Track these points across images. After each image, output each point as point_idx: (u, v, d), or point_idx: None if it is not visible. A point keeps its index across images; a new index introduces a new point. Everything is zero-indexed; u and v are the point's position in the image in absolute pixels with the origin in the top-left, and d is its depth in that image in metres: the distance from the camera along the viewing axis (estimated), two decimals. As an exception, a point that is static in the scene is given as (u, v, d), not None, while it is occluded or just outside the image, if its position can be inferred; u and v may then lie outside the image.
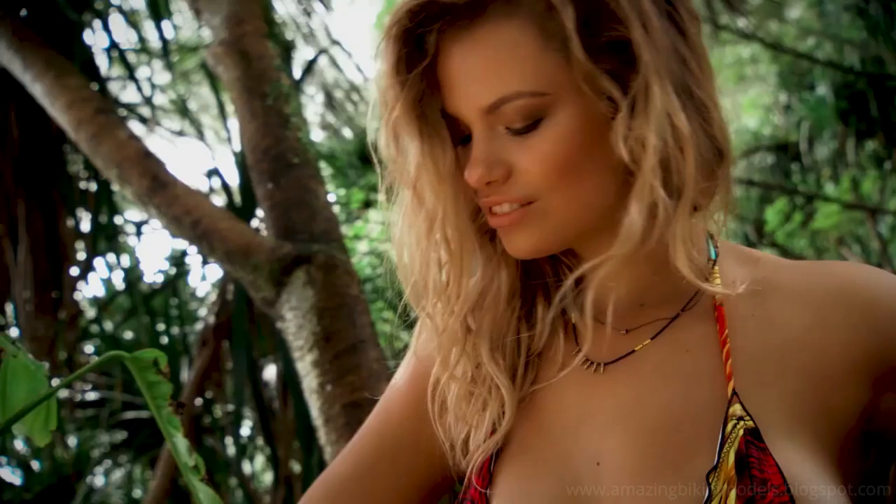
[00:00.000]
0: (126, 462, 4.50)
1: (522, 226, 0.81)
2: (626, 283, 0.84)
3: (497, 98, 0.77)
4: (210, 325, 3.72)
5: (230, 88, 2.41)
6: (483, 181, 0.80)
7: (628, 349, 0.84)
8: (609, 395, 0.83)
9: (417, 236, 0.85)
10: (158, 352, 0.96)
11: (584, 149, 0.78)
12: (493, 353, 0.88)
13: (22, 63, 2.49)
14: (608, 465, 0.79)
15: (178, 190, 2.33)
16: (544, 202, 0.80)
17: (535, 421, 0.85)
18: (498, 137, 0.79)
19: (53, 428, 1.01)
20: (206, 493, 0.92)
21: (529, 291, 0.90)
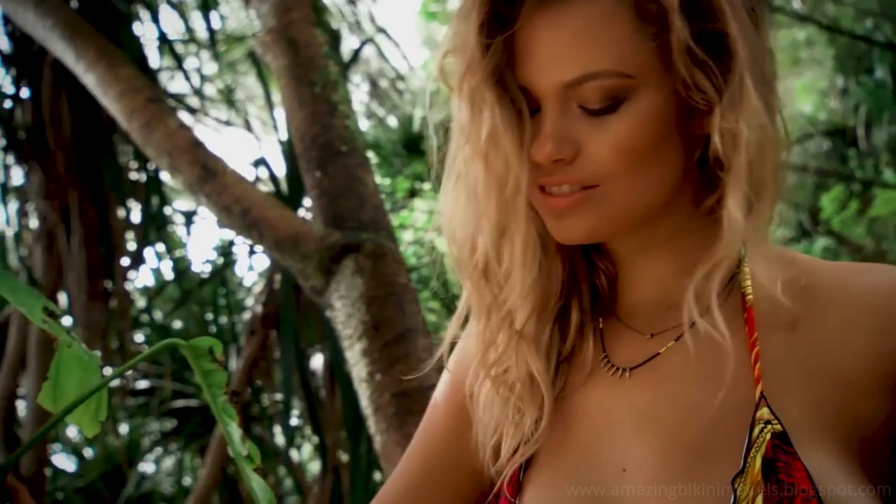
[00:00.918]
0: (176, 450, 4.56)
1: (579, 210, 0.79)
2: (658, 284, 0.83)
3: (582, 74, 0.76)
4: (258, 314, 3.74)
5: (278, 76, 2.40)
6: (551, 158, 0.77)
7: (653, 352, 0.83)
8: (635, 401, 0.82)
9: (477, 211, 0.82)
10: (214, 340, 0.94)
11: (656, 138, 0.77)
12: (539, 353, 0.86)
13: (74, 53, 2.50)
14: (634, 472, 0.78)
15: (227, 179, 2.33)
16: (607, 188, 0.78)
17: (563, 428, 0.84)
18: (570, 115, 0.78)
19: (103, 418, 1.00)
20: (259, 483, 0.91)
21: (564, 292, 0.88)
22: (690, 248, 0.82)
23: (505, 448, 0.86)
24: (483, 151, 0.78)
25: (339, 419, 3.59)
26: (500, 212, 0.80)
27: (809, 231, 6.62)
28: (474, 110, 0.78)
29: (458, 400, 0.91)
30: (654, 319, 0.84)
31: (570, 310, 0.88)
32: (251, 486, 0.89)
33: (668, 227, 0.83)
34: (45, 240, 3.55)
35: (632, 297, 0.85)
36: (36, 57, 3.41)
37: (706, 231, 0.81)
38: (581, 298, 0.88)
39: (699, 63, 0.76)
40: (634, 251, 0.85)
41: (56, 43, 2.57)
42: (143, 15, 3.50)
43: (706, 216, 0.82)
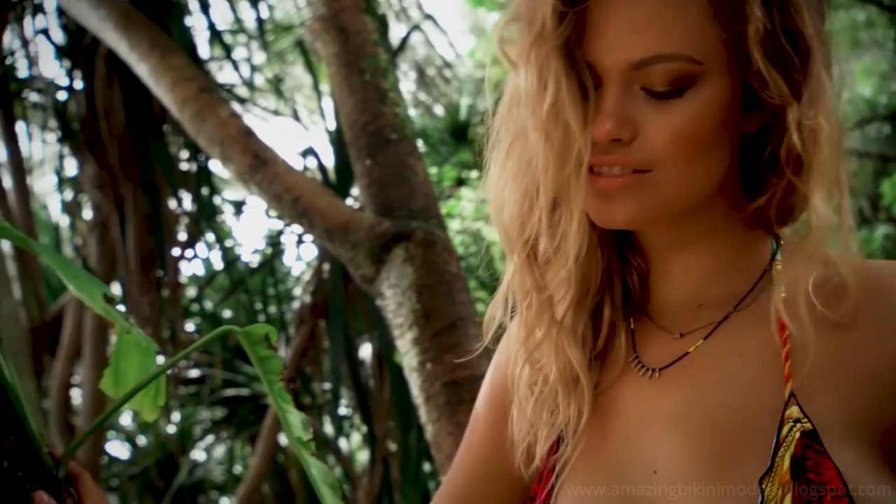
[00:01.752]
0: (226, 438, 4.61)
1: (627, 193, 0.78)
2: (690, 282, 0.83)
3: (653, 54, 0.75)
4: (306, 304, 3.75)
5: (328, 64, 2.39)
6: (610, 136, 0.76)
7: (682, 352, 0.82)
8: (664, 401, 0.81)
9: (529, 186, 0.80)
10: (269, 326, 0.94)
11: (714, 130, 0.77)
12: (577, 345, 0.84)
13: (128, 43, 2.53)
14: (664, 472, 0.78)
15: (278, 167, 2.34)
16: (660, 174, 0.77)
17: (595, 428, 0.84)
18: (632, 96, 0.77)
19: (162, 404, 1.00)
20: (319, 468, 0.90)
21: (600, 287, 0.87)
22: (724, 248, 0.82)
23: (539, 449, 0.86)
24: (544, 123, 0.76)
25: (388, 409, 3.59)
26: (557, 187, 0.78)
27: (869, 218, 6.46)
28: (539, 81, 0.76)
29: (498, 408, 0.91)
30: (683, 319, 0.83)
31: (603, 306, 0.87)
32: (310, 471, 0.88)
33: (705, 224, 0.82)
34: (98, 229, 3.60)
35: (662, 295, 0.85)
36: (89, 49, 3.45)
37: (741, 232, 0.82)
38: (613, 295, 0.87)
39: (774, 57, 0.75)
40: (668, 247, 0.84)
41: (109, 33, 2.59)
42: (192, 5, 3.52)
43: (744, 217, 0.82)
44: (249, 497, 3.76)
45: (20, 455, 0.82)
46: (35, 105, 4.17)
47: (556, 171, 0.76)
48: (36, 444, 0.84)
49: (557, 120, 0.76)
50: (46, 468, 0.84)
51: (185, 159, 3.80)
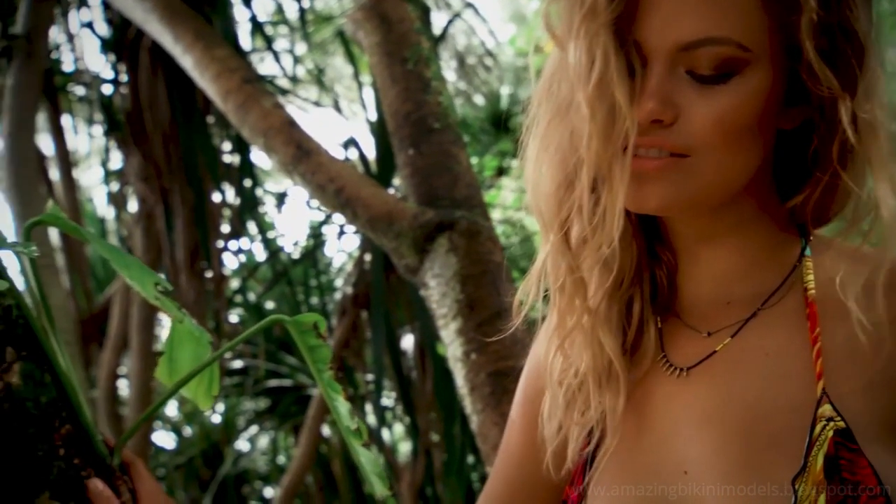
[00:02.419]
0: (270, 429, 4.64)
1: (662, 176, 0.77)
2: (718, 278, 0.82)
3: (703, 37, 0.74)
4: (348, 295, 3.76)
5: (370, 54, 2.38)
6: (652, 116, 0.75)
7: (710, 350, 0.81)
8: (693, 401, 0.80)
9: (569, 162, 0.79)
10: (318, 316, 0.93)
11: (756, 120, 0.76)
12: (612, 333, 0.83)
13: (172, 35, 2.54)
14: (695, 473, 0.77)
15: (321, 158, 2.33)
16: (698, 160, 0.76)
17: (625, 428, 0.83)
18: (677, 78, 0.76)
19: (216, 393, 1.00)
20: (368, 457, 0.89)
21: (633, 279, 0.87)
22: (753, 243, 0.82)
23: (570, 451, 0.85)
24: (590, 99, 0.75)
25: (430, 400, 3.59)
26: (600, 164, 0.76)
27: None
28: (587, 56, 0.76)
29: (532, 414, 0.90)
30: (711, 317, 0.83)
31: (633, 300, 0.86)
32: (360, 459, 0.88)
33: (735, 218, 0.82)
34: (144, 221, 3.64)
35: (690, 292, 0.84)
36: (134, 42, 3.48)
37: (770, 228, 0.82)
38: (643, 290, 0.86)
39: (825, 49, 0.75)
40: (697, 240, 0.83)
41: (154, 25, 2.61)
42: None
43: (776, 215, 0.82)
44: (293, 487, 3.78)
45: (76, 443, 0.82)
46: (81, 99, 4.22)
47: (599, 148, 0.75)
48: (90, 432, 0.84)
49: (604, 96, 0.75)
50: (101, 456, 0.84)
51: (227, 151, 3.82)
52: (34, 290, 0.85)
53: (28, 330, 0.83)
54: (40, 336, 0.83)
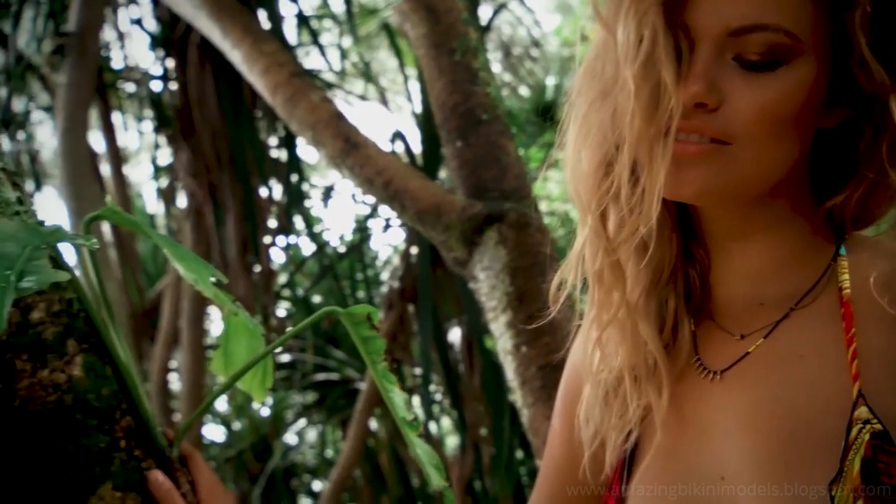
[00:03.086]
0: (318, 422, 4.66)
1: (702, 162, 0.75)
2: (751, 278, 0.81)
3: (753, 23, 0.73)
4: (395, 288, 3.76)
5: (417, 46, 2.37)
6: (697, 99, 0.74)
7: (743, 352, 0.80)
8: (727, 405, 0.79)
9: (608, 141, 0.78)
10: (371, 307, 0.93)
11: (800, 112, 0.75)
12: (651, 326, 0.82)
13: (221, 30, 2.56)
14: (731, 479, 0.76)
15: (369, 150, 2.33)
16: (739, 148, 0.75)
17: (657, 440, 0.81)
18: (723, 64, 0.75)
19: (270, 386, 1.00)
20: (424, 449, 0.88)
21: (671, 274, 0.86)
22: (786, 242, 0.81)
23: (609, 456, 0.84)
24: (636, 78, 0.74)
25: (478, 393, 3.57)
26: (641, 144, 0.75)
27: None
28: (636, 35, 0.75)
29: (571, 422, 0.89)
30: (744, 319, 0.82)
31: (668, 301, 0.85)
32: (416, 451, 0.87)
33: (769, 215, 0.81)
34: (193, 217, 3.67)
35: (724, 292, 0.83)
36: (182, 38, 3.51)
37: (804, 227, 0.80)
38: (677, 290, 0.85)
39: (877, 44, 0.74)
40: (731, 237, 0.82)
41: (203, 21, 2.63)
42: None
43: (812, 215, 0.81)
44: (342, 481, 3.80)
45: (136, 435, 0.83)
46: (130, 95, 4.28)
47: (642, 127, 0.74)
48: (150, 424, 0.85)
49: (650, 75, 0.74)
50: (160, 448, 0.85)
51: (274, 146, 3.84)
52: (93, 283, 0.85)
53: (89, 323, 0.83)
54: (101, 329, 0.84)
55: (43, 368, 0.77)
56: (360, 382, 4.14)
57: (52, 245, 0.73)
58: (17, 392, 0.76)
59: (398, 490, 4.28)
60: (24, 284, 0.65)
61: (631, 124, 0.74)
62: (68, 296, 0.82)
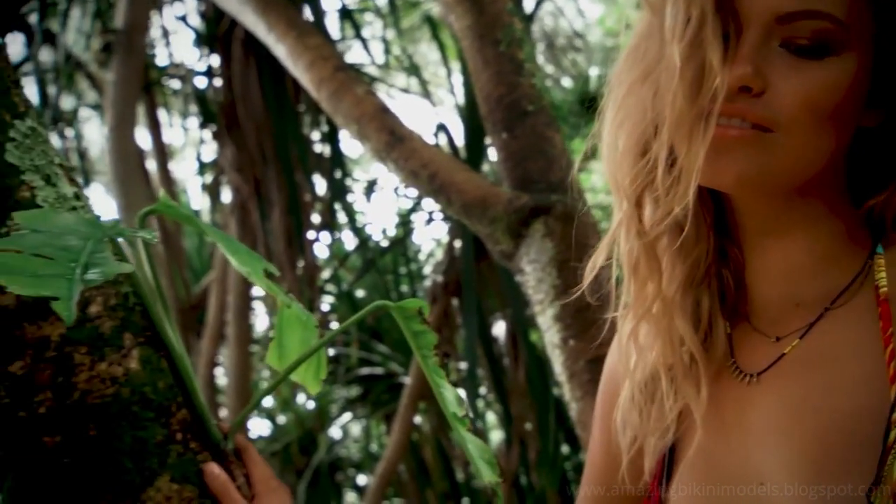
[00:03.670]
0: (362, 417, 4.68)
1: (743, 148, 0.74)
2: (786, 276, 0.80)
3: (803, 9, 0.73)
4: (439, 282, 3.75)
5: (462, 37, 2.35)
6: (743, 81, 0.73)
7: (778, 353, 0.79)
8: (764, 407, 0.78)
9: (647, 119, 0.77)
10: (422, 301, 0.92)
11: (844, 105, 0.75)
12: (688, 321, 0.81)
13: (266, 25, 2.57)
14: (770, 483, 0.76)
15: (415, 144, 2.32)
16: (780, 136, 0.74)
17: (692, 443, 0.81)
18: (770, 51, 0.74)
19: (324, 377, 1.00)
20: (476, 444, 0.87)
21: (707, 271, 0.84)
22: (822, 240, 0.80)
23: (647, 461, 0.84)
24: (682, 56, 0.73)
25: (523, 387, 3.56)
26: (682, 122, 0.74)
27: None
28: (683, 15, 0.74)
29: (609, 427, 0.89)
30: (780, 320, 0.81)
31: (702, 300, 0.84)
32: (467, 446, 0.86)
33: (805, 212, 0.80)
34: (238, 212, 3.70)
35: (759, 292, 0.82)
36: (226, 34, 3.53)
37: (840, 225, 0.79)
38: (711, 288, 0.84)
39: None
40: (766, 233, 0.81)
41: (248, 16, 2.64)
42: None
43: (846, 213, 0.80)
44: (387, 475, 3.81)
45: (192, 428, 0.83)
46: (175, 92, 4.32)
47: (684, 106, 0.73)
48: (205, 417, 0.85)
49: (696, 55, 0.73)
50: (215, 441, 0.85)
51: (317, 141, 3.85)
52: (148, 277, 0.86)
53: (145, 316, 0.84)
54: (157, 322, 0.84)
55: (101, 362, 0.78)
56: (404, 377, 4.14)
57: (112, 238, 0.74)
58: (76, 385, 0.76)
59: (443, 485, 4.28)
60: (89, 276, 0.66)
61: (672, 104, 0.74)
62: (124, 290, 0.83)
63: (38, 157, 0.80)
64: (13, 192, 0.77)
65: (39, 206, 0.78)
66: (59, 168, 0.82)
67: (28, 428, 0.75)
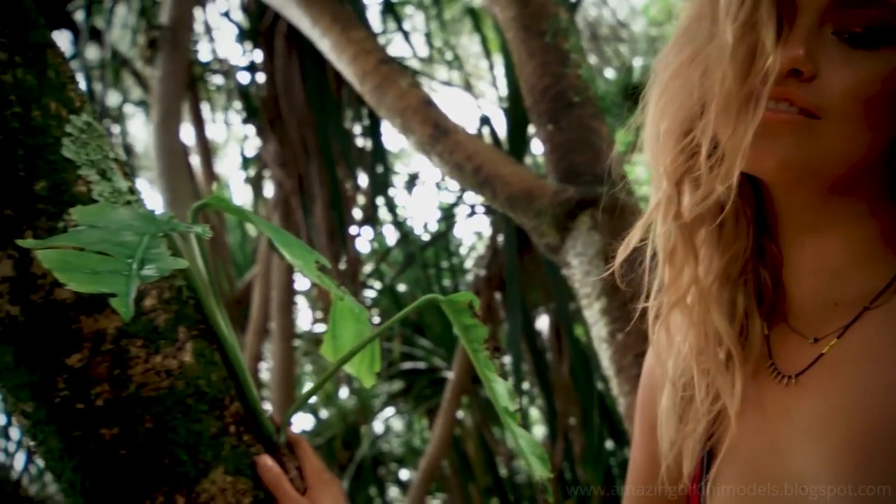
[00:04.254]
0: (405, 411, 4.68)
1: (789, 133, 0.73)
2: (825, 274, 0.79)
3: None
4: (482, 276, 3.74)
5: (506, 29, 2.34)
6: (795, 63, 0.72)
7: (817, 353, 0.78)
8: (803, 408, 0.78)
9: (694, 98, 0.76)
10: (472, 295, 0.91)
11: (894, 100, 0.73)
12: (726, 318, 0.79)
13: (310, 19, 2.57)
14: (810, 483, 0.75)
15: (459, 136, 2.31)
16: (827, 125, 0.73)
17: (734, 442, 0.80)
18: (823, 38, 0.74)
19: (378, 370, 1.00)
20: (527, 439, 0.86)
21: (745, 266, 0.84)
22: (862, 237, 0.79)
23: (686, 465, 0.83)
24: (735, 35, 0.73)
25: (567, 381, 3.53)
26: (730, 102, 0.73)
27: None
28: None
29: (650, 430, 0.89)
30: (818, 320, 0.80)
31: (737, 298, 0.83)
32: (518, 441, 0.85)
33: (845, 209, 0.79)
34: (281, 206, 3.71)
35: (797, 291, 0.81)
36: (269, 29, 3.55)
37: (880, 223, 0.78)
38: (747, 286, 0.84)
39: None
40: (805, 228, 0.80)
41: (292, 10, 2.65)
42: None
43: (887, 211, 0.79)
44: (431, 470, 3.80)
45: (245, 421, 0.83)
46: (218, 88, 4.35)
47: (733, 87, 0.72)
48: (257, 410, 0.85)
49: (749, 36, 0.73)
50: (267, 434, 0.85)
51: (358, 134, 3.85)
52: (201, 271, 0.86)
53: (198, 309, 0.84)
54: (210, 315, 0.85)
55: (156, 354, 0.78)
56: (447, 371, 4.13)
57: (166, 233, 0.74)
58: (131, 378, 0.77)
59: (486, 479, 4.27)
60: (145, 272, 0.66)
61: (721, 83, 0.73)
62: (178, 283, 0.83)
63: (94, 151, 0.80)
64: (70, 186, 0.77)
65: (95, 200, 0.78)
66: (113, 162, 0.82)
67: (86, 420, 0.75)
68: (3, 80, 0.76)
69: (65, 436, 0.75)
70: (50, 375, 0.75)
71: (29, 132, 0.76)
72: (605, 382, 3.52)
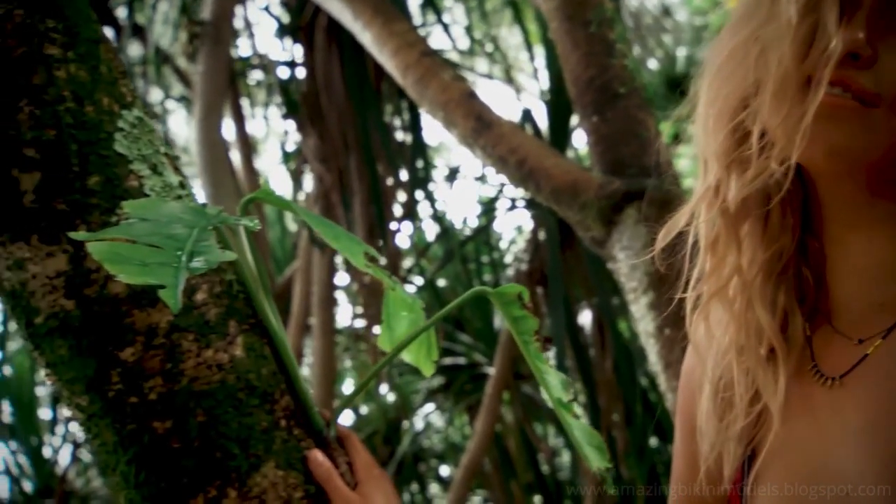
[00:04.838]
0: (445, 407, 4.67)
1: (842, 119, 0.72)
2: (870, 274, 0.77)
3: None
4: (523, 271, 3.71)
5: (550, 19, 2.30)
6: (854, 46, 0.71)
7: (861, 354, 0.77)
8: (848, 409, 0.76)
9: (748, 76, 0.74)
10: (521, 287, 0.90)
11: None
12: (769, 312, 0.78)
13: (352, 12, 2.56)
14: (855, 483, 0.74)
15: (502, 129, 2.29)
16: (882, 114, 0.72)
17: (777, 442, 0.78)
18: (885, 26, 0.72)
19: (436, 358, 0.99)
20: (583, 429, 0.84)
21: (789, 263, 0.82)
22: None
23: (727, 468, 0.81)
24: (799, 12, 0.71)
25: (610, 377, 3.50)
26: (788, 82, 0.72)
27: None
28: None
29: (689, 434, 0.87)
30: (862, 322, 0.78)
31: (778, 297, 0.81)
32: (573, 433, 0.83)
33: (890, 208, 0.77)
34: (322, 201, 3.72)
35: (840, 291, 0.80)
36: (309, 24, 3.55)
37: None
38: (788, 287, 0.82)
39: None
40: (849, 225, 0.78)
41: (334, 3, 2.64)
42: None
43: None
44: (473, 466, 3.79)
45: (295, 415, 0.83)
46: (258, 83, 4.37)
47: (791, 67, 0.71)
48: (307, 404, 0.85)
49: (810, 16, 0.71)
50: (317, 428, 0.84)
51: (398, 128, 3.85)
52: (251, 265, 0.86)
53: (248, 303, 0.84)
54: (260, 309, 0.85)
55: (207, 348, 0.78)
56: (487, 367, 4.11)
57: (216, 227, 0.73)
58: (183, 372, 0.77)
59: (527, 476, 4.24)
60: (194, 264, 0.66)
61: (780, 63, 0.72)
62: (228, 277, 0.83)
63: (145, 146, 0.80)
64: (122, 181, 0.78)
65: (147, 195, 0.79)
66: (164, 157, 0.83)
67: (139, 413, 0.75)
68: (56, 76, 0.77)
69: (119, 429, 0.76)
70: (104, 369, 0.75)
71: (82, 127, 0.77)
72: (649, 378, 3.48)
